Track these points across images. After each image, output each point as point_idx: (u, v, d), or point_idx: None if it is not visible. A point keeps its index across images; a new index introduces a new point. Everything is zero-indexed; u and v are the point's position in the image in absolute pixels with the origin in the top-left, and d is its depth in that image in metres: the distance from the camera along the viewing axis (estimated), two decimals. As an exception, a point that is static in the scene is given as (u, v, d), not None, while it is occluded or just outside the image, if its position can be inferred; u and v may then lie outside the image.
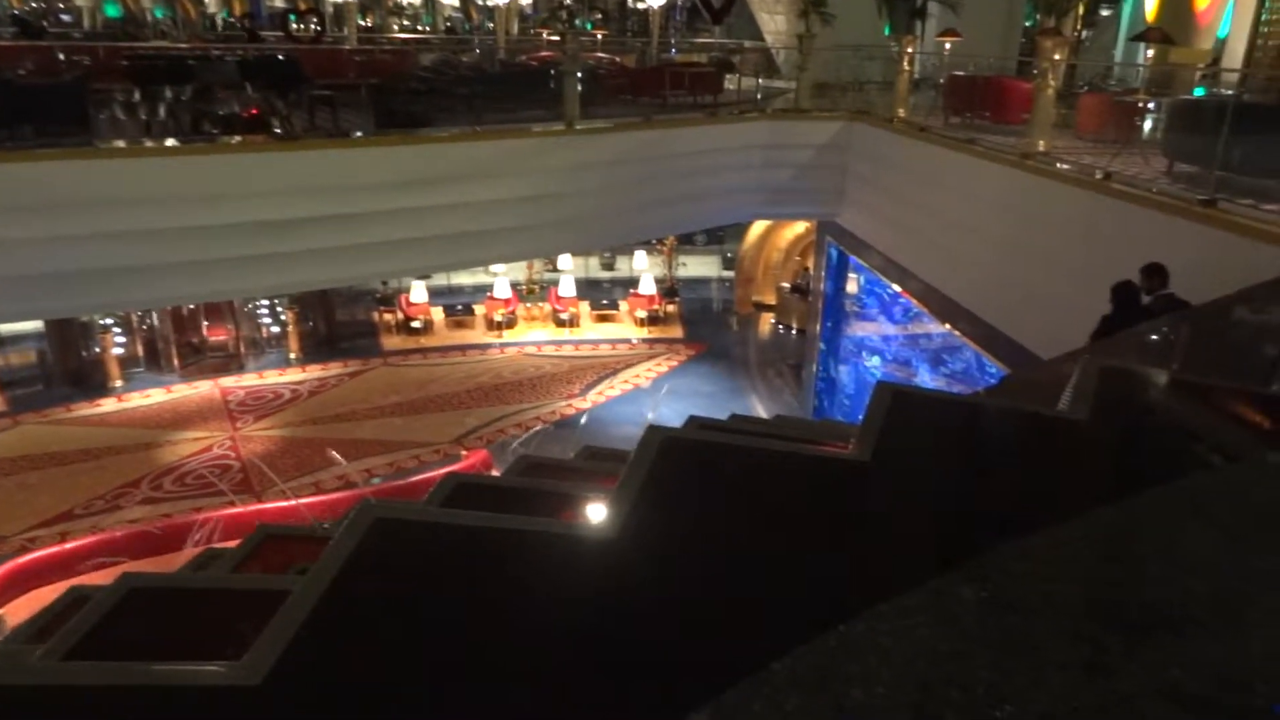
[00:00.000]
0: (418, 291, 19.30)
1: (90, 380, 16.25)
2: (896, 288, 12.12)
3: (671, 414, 15.26)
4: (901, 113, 11.96)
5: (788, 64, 16.46)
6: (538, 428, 14.91)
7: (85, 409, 15.52)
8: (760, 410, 15.04)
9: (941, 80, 13.38)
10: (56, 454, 13.92)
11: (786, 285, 20.02)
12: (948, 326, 10.67)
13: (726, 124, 13.11)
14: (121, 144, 9.60)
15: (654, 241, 21.08)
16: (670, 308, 20.02)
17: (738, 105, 14.15)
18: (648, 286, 19.79)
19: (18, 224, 8.22)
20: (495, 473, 12.79)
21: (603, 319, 19.88)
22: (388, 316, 19.35)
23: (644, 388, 16.76)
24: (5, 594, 9.71)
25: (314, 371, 17.40)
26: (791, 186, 13.14)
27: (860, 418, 2.29)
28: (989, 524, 2.00)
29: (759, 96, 14.96)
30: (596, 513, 2.72)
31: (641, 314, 19.52)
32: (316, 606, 1.68)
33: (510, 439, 14.35)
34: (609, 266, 23.34)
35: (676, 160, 12.03)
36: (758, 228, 20.27)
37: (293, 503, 11.66)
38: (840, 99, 13.63)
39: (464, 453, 13.71)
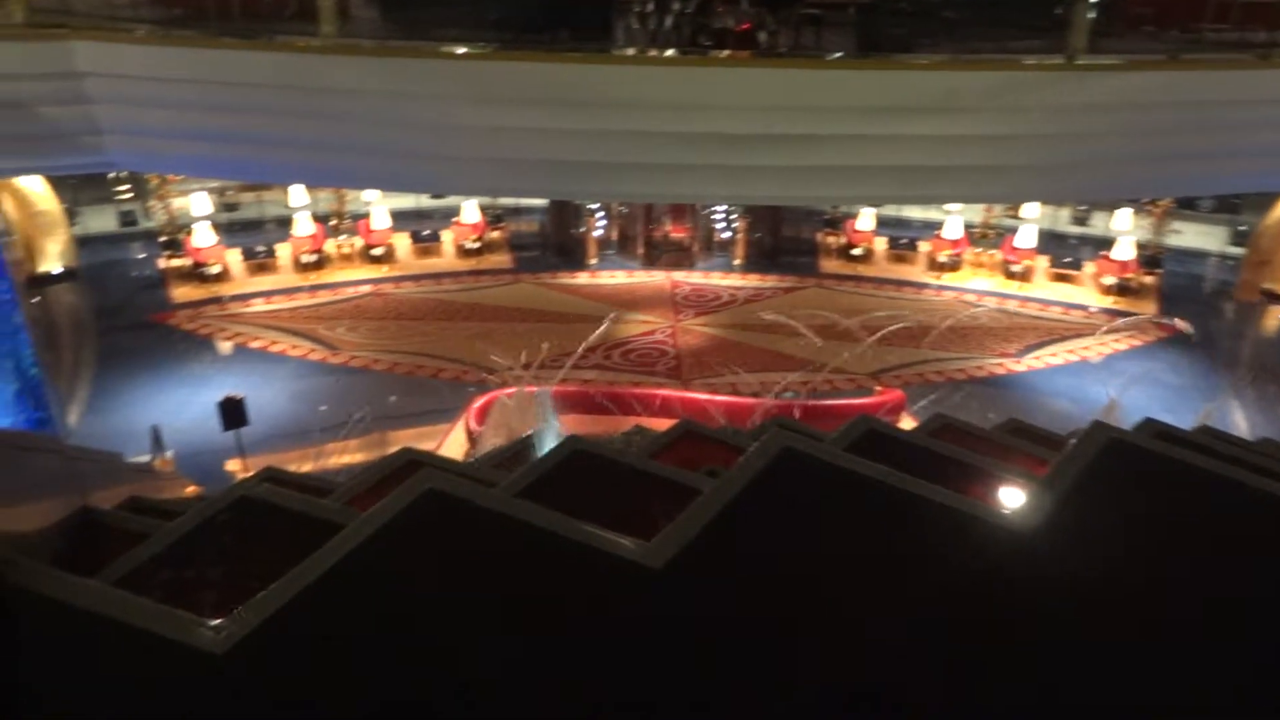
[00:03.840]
0: (865, 219, 19.09)
1: (574, 254, 18.93)
2: None
3: (1122, 400, 13.45)
4: None
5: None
6: (961, 381, 14.16)
7: (566, 278, 18.20)
8: (1240, 424, 12.55)
9: None
10: (540, 311, 16.61)
11: (1317, 276, 16.10)
12: None
13: (1284, 69, 10.63)
14: (631, 51, 10.71)
15: (1143, 200, 18.19)
16: (1147, 279, 17.32)
17: (1305, 45, 11.36)
18: (1124, 251, 17.28)
19: (545, 115, 9.68)
20: (907, 415, 12.50)
21: (1060, 278, 17.88)
22: (830, 239, 19.47)
23: (1092, 362, 14.95)
24: (487, 416, 12.03)
25: (753, 280, 18.31)
26: (1361, 155, 10.37)
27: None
28: None
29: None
30: (1009, 497, 2.53)
31: (1109, 280, 17.18)
32: (718, 514, 1.81)
33: (930, 386, 13.84)
34: (1081, 221, 20.74)
35: (1203, 109, 10.12)
36: (1293, 200, 16.42)
37: (712, 398, 12.61)
38: None
39: (878, 388, 13.56)
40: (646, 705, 1.44)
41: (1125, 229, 17.92)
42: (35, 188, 15.90)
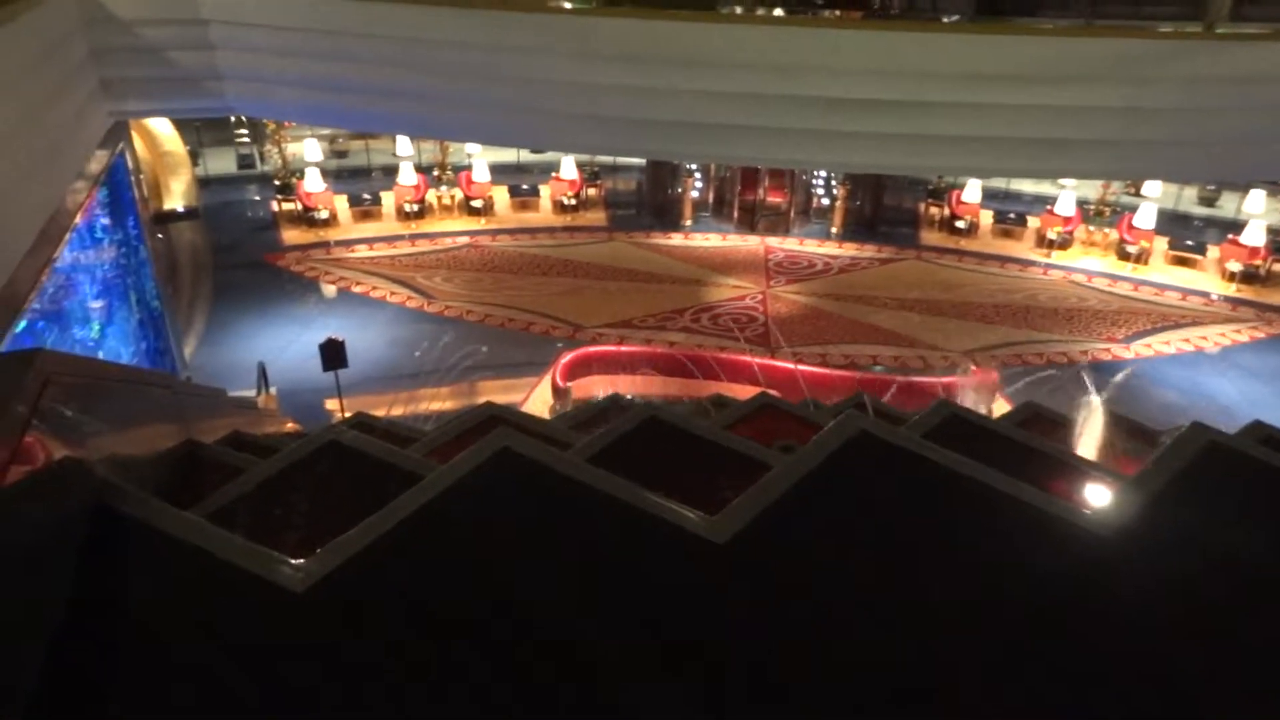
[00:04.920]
0: (971, 190, 18.35)
1: (668, 215, 18.84)
2: None
3: (1237, 395, 12.74)
4: None
5: None
6: (1062, 364, 13.59)
7: (659, 239, 18.14)
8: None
9: None
10: (631, 271, 16.64)
11: None
12: None
13: None
14: (738, 9, 10.47)
15: (1284, 182, 16.92)
16: (1278, 266, 16.16)
17: None
18: (1255, 235, 16.13)
19: (647, 74, 9.59)
20: (1000, 397, 12.09)
21: (1179, 262, 16.86)
22: (933, 210, 18.82)
23: (1208, 353, 14.10)
24: (573, 372, 12.19)
25: (849, 249, 17.89)
26: None
27: None
28: None
29: None
30: (1094, 494, 2.43)
31: (1235, 266, 16.11)
32: (787, 492, 1.80)
33: (1027, 368, 13.33)
34: (1209, 202, 19.46)
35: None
36: None
37: (798, 367, 12.46)
38: None
39: (973, 367, 13.14)
40: (699, 676, 1.46)
41: (1257, 212, 16.71)
42: (163, 129, 16.75)
